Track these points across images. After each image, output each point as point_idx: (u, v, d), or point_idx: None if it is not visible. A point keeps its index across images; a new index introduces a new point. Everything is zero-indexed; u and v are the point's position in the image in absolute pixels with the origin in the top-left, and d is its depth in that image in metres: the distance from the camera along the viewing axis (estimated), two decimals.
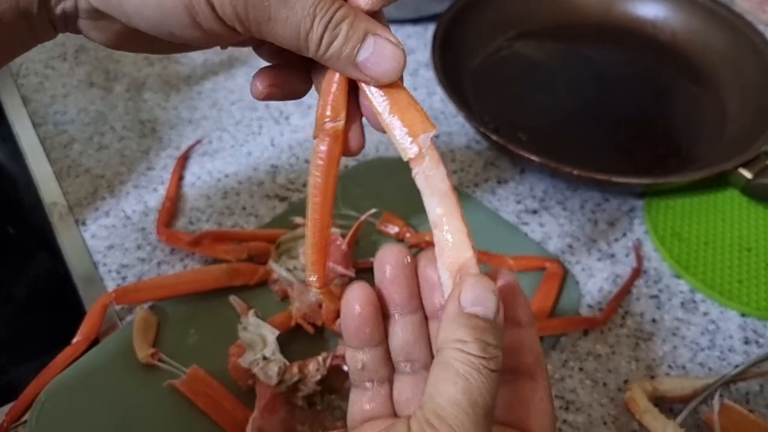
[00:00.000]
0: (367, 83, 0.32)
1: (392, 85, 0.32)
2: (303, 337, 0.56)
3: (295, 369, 0.51)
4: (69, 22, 0.34)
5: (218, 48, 0.35)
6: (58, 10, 0.33)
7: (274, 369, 0.50)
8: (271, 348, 0.51)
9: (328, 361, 0.51)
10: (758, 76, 0.76)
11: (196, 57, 0.84)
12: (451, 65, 0.74)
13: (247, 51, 0.84)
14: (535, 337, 0.34)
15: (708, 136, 0.74)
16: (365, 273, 0.60)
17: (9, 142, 0.73)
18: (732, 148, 0.69)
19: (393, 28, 0.33)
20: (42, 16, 0.33)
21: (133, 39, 0.34)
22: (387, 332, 0.34)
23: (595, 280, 0.63)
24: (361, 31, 0.31)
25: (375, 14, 0.32)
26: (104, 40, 0.35)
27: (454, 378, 0.27)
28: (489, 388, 0.27)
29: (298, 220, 0.64)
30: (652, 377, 0.56)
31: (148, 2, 0.30)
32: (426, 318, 0.35)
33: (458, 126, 0.76)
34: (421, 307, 0.34)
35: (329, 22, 0.30)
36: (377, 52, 0.31)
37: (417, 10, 0.86)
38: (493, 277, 0.32)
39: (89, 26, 0.34)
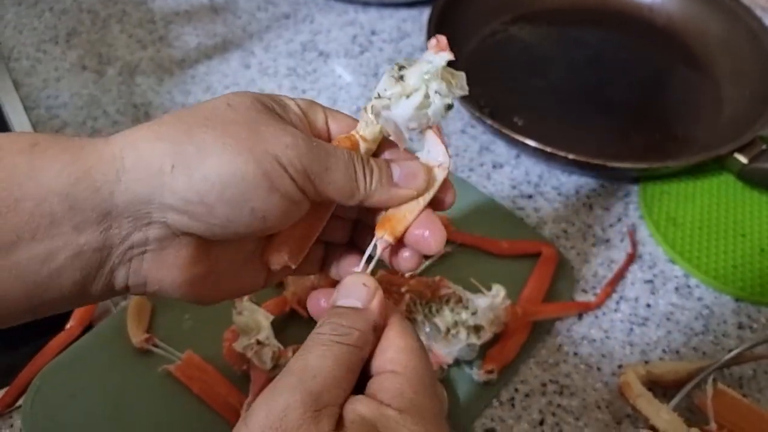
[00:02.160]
0: (409, 199, 0.36)
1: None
2: (298, 322, 0.56)
3: (289, 353, 0.51)
4: (133, 266, 0.33)
5: (212, 31, 0.36)
6: (125, 245, 0.32)
7: (268, 354, 0.50)
8: (266, 333, 0.51)
9: None
10: (755, 60, 0.75)
11: (190, 40, 0.83)
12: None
13: (241, 35, 0.84)
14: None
15: (704, 121, 0.74)
16: None
17: (1, 126, 0.73)
18: (728, 133, 0.69)
19: (389, 11, 0.37)
20: (104, 263, 0.32)
21: (203, 262, 0.35)
22: None
23: (589, 265, 0.63)
24: (384, 163, 0.36)
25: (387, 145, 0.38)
26: (170, 278, 0.34)
27: (300, 352, 0.32)
28: (332, 356, 0.31)
29: None
30: (646, 362, 0.57)
31: (233, 180, 0.31)
32: None
33: (453, 110, 0.76)
34: None
35: (363, 161, 0.35)
36: (404, 170, 0.36)
37: None
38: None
39: (156, 263, 0.33)
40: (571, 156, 0.63)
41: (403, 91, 0.35)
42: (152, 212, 0.31)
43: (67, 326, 0.55)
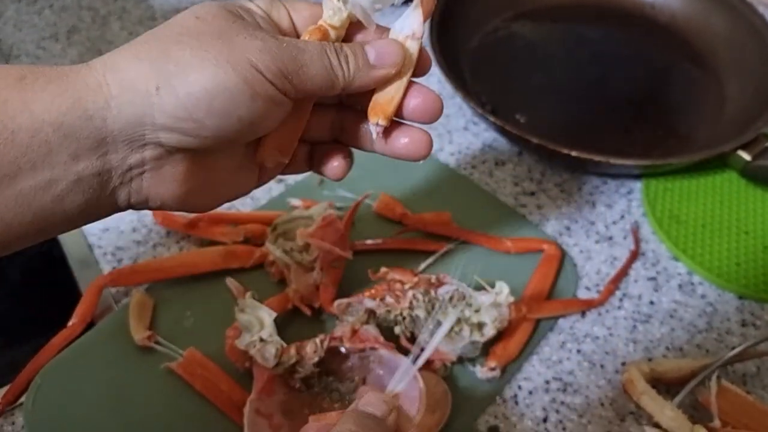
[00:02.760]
0: (390, 78, 0.37)
1: None
2: (300, 319, 0.56)
3: (292, 351, 0.50)
4: (134, 186, 0.35)
5: None
6: (123, 168, 0.33)
7: (271, 351, 0.50)
8: (268, 330, 0.51)
9: (326, 343, 0.51)
10: (758, 57, 0.75)
11: None
12: (448, 46, 0.73)
13: None
14: None
15: (707, 118, 0.74)
16: (362, 254, 0.60)
17: None
18: (731, 130, 0.69)
19: (390, 9, 0.37)
20: (106, 187, 0.34)
21: (199, 173, 0.36)
22: None
23: (592, 262, 0.63)
24: (358, 46, 0.36)
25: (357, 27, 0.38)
26: (170, 192, 0.36)
27: None
28: None
29: (294, 201, 0.63)
30: (650, 359, 0.56)
31: (217, 92, 0.32)
32: None
33: (455, 107, 0.76)
34: None
35: (336, 50, 0.35)
36: (379, 50, 0.36)
37: None
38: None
39: (155, 180, 0.35)
40: (573, 153, 0.63)
41: None
42: (145, 133, 0.33)
43: (69, 324, 0.55)
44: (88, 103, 0.31)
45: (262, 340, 0.51)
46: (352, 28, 0.38)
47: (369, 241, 0.61)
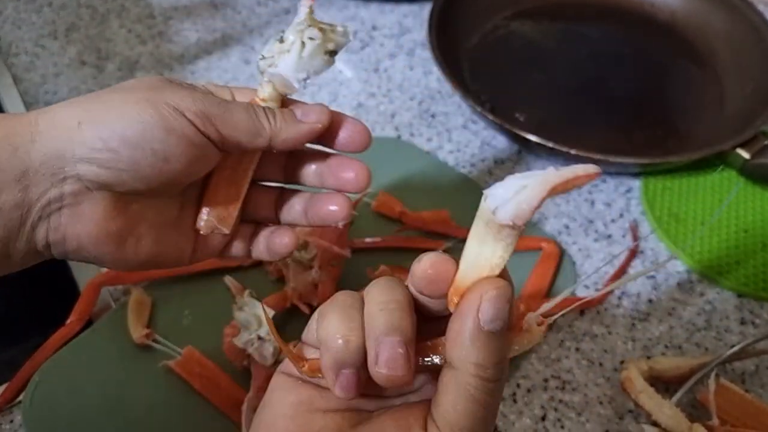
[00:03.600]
0: (317, 131, 0.39)
1: None
2: (298, 318, 0.56)
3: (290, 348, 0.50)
4: (52, 222, 0.35)
5: (212, 26, 0.39)
6: (43, 201, 0.35)
7: (269, 349, 0.50)
8: (266, 328, 0.51)
9: None
10: (757, 56, 0.75)
11: (190, 35, 0.83)
12: (447, 45, 0.73)
13: (241, 30, 0.83)
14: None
15: (706, 116, 0.74)
16: (360, 253, 0.60)
17: None
18: (730, 129, 0.69)
19: (389, 7, 0.40)
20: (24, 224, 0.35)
21: (119, 218, 0.37)
22: None
23: (591, 260, 0.63)
24: (285, 108, 0.40)
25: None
26: (86, 231, 0.36)
27: (473, 406, 0.28)
28: (497, 404, 0.29)
29: None
30: (648, 357, 0.56)
31: (131, 123, 0.35)
32: None
33: (455, 106, 0.76)
34: None
35: (264, 109, 0.38)
36: (304, 110, 0.39)
37: None
38: None
39: (72, 218, 0.36)
40: (572, 151, 0.63)
41: (283, 48, 0.38)
42: (65, 166, 0.34)
43: (68, 322, 0.55)
44: (16, 138, 0.34)
45: (260, 338, 0.51)
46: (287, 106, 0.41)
47: (368, 239, 0.61)
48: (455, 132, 0.73)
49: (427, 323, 0.30)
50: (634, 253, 0.63)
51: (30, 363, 0.53)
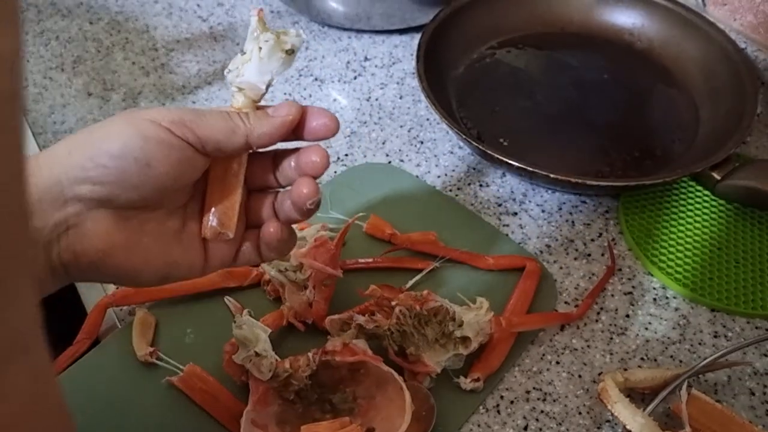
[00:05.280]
0: (289, 123, 0.43)
1: None
2: (294, 335, 0.59)
3: (286, 364, 0.53)
4: (62, 244, 0.39)
5: (212, 58, 0.44)
6: (50, 225, 0.38)
7: (266, 365, 0.53)
8: (263, 345, 0.54)
9: (318, 357, 0.54)
10: (729, 81, 0.79)
11: (191, 67, 0.87)
12: (435, 74, 0.77)
13: None
14: None
15: (681, 139, 0.77)
16: (352, 273, 0.63)
17: None
18: (703, 150, 0.72)
19: (381, 38, 0.43)
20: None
21: (122, 232, 0.41)
22: None
23: (571, 278, 0.66)
24: (258, 109, 0.44)
25: None
26: (93, 247, 0.40)
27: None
28: None
29: None
30: (625, 369, 0.59)
31: (113, 139, 0.39)
32: None
33: (442, 132, 0.79)
34: None
35: (237, 112, 0.42)
36: (276, 107, 0.43)
37: (403, 20, 0.88)
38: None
39: (78, 237, 0.39)
40: (552, 175, 0.66)
41: (245, 58, 0.43)
42: (63, 190, 0.38)
43: (75, 341, 0.58)
44: None
45: (257, 354, 0.53)
46: None
47: (360, 260, 0.65)
48: (443, 157, 0.77)
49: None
50: (612, 271, 0.66)
51: None
